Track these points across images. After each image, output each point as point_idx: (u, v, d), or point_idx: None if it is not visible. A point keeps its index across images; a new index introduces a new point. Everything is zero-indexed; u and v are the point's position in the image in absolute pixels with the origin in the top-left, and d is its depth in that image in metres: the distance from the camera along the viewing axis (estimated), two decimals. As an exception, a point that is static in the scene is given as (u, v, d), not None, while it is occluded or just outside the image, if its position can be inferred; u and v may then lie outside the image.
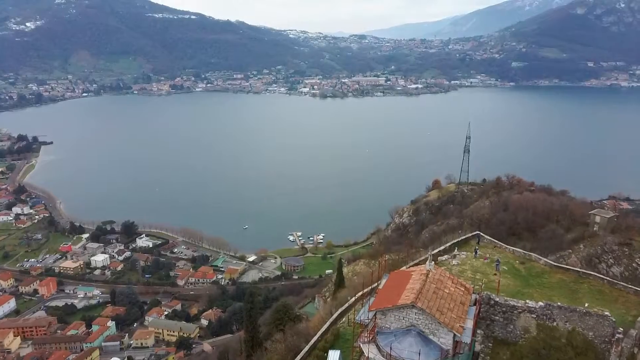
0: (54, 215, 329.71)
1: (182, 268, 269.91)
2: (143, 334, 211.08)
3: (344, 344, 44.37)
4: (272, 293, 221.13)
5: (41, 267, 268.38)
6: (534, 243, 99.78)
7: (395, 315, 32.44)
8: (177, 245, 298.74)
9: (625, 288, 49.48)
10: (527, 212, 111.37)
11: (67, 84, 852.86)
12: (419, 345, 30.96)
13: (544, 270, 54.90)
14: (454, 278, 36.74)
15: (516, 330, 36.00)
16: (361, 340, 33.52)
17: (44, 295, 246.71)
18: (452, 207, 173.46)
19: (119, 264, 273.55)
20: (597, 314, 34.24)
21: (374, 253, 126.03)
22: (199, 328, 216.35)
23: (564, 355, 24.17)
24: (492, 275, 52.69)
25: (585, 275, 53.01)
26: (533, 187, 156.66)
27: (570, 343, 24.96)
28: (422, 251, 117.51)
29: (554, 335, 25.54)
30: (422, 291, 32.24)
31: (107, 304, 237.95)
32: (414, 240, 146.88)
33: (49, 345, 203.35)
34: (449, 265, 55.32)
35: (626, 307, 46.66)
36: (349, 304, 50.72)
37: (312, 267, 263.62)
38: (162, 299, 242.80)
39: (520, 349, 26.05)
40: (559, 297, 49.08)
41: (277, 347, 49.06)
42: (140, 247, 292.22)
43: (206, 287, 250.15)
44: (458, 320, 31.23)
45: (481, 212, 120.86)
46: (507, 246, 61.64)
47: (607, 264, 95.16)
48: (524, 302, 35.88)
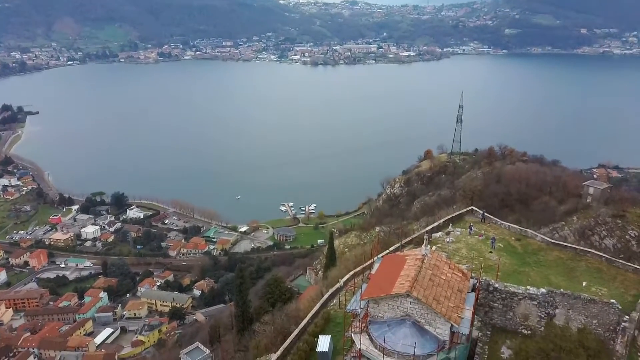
0: (42, 186, 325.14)
1: (173, 239, 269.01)
2: (136, 305, 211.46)
3: (335, 328, 43.05)
4: (264, 263, 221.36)
5: (31, 239, 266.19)
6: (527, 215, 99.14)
7: (389, 304, 30.74)
8: (168, 216, 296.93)
9: (624, 266, 48.31)
10: (520, 184, 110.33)
11: (51, 52, 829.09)
12: (414, 336, 29.39)
13: (541, 247, 53.57)
14: (451, 263, 34.98)
15: (516, 317, 34.61)
16: (352, 330, 31.92)
17: (35, 267, 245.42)
18: (443, 177, 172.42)
19: (109, 235, 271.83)
20: (602, 302, 32.85)
21: (366, 225, 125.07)
22: (192, 298, 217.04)
23: (575, 358, 22.58)
24: (487, 253, 51.30)
25: (582, 252, 51.75)
26: (525, 157, 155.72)
27: (582, 345, 23.35)
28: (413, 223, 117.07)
29: (564, 335, 23.98)
30: (418, 279, 30.45)
31: (98, 275, 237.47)
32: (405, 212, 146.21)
33: (41, 317, 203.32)
34: (443, 243, 53.78)
35: (625, 286, 45.55)
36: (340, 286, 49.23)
37: (303, 237, 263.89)
38: (154, 270, 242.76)
39: (527, 349, 24.46)
40: (556, 275, 47.93)
41: (266, 329, 47.75)
42: (130, 219, 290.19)
43: (198, 258, 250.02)
44: (455, 310, 29.58)
45: (473, 183, 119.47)
46: (503, 222, 60.09)
47: (600, 236, 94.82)
48: (524, 288, 34.31)
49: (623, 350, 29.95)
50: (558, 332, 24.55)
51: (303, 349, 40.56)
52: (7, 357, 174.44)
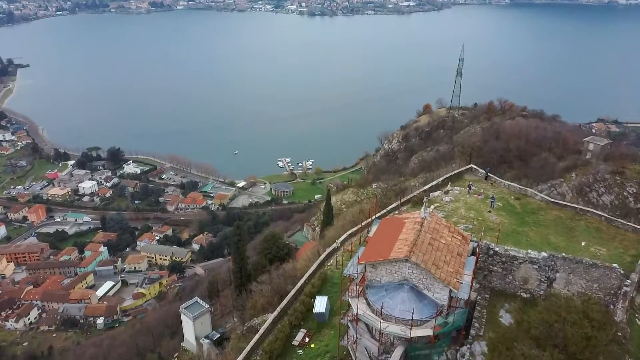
0: (37, 141, 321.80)
1: (171, 194, 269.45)
2: (136, 259, 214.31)
3: (332, 289, 43.06)
4: (262, 218, 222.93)
5: (28, 194, 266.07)
6: (525, 172, 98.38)
7: (387, 268, 30.23)
8: (165, 171, 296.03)
9: (624, 225, 47.91)
10: (520, 140, 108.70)
11: (39, 2, 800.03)
12: (412, 301, 29.05)
13: (540, 206, 52.95)
14: (451, 226, 34.27)
15: (515, 281, 34.26)
16: (349, 294, 31.59)
17: (34, 222, 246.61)
18: (442, 132, 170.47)
19: (107, 190, 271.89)
20: (604, 266, 32.41)
21: (363, 182, 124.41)
22: (191, 252, 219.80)
23: (579, 330, 22.17)
24: (486, 213, 50.71)
25: (582, 211, 51.22)
26: (525, 112, 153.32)
27: (587, 315, 22.90)
28: (411, 180, 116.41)
29: (568, 306, 23.52)
30: (417, 243, 29.78)
31: (98, 230, 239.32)
32: (403, 168, 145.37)
33: (42, 271, 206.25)
34: (442, 203, 53.10)
35: (624, 246, 45.29)
36: (337, 246, 48.92)
37: (301, 192, 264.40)
38: (153, 225, 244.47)
39: (529, 319, 24.05)
40: (555, 235, 47.54)
41: (263, 288, 47.78)
42: (127, 174, 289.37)
43: (196, 213, 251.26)
44: (455, 275, 29.07)
45: (472, 139, 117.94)
46: (503, 180, 59.24)
47: (598, 193, 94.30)
48: (525, 252, 33.76)
49: (623, 316, 29.81)
50: (562, 303, 24.12)
51: (300, 310, 40.66)
52: (11, 309, 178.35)
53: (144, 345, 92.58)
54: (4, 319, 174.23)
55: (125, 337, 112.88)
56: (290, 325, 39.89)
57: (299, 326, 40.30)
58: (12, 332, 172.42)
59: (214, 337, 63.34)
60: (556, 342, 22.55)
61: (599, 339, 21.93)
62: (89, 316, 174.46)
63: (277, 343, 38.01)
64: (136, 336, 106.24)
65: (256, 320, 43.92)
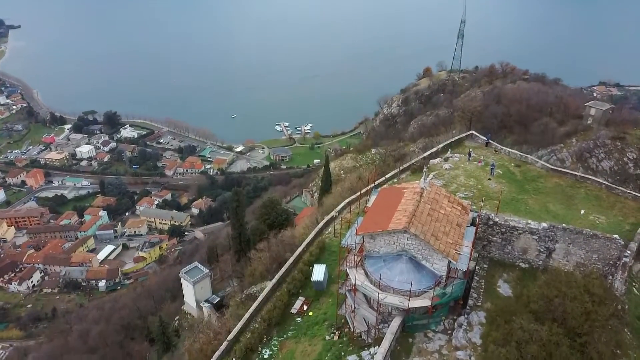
0: (32, 105, 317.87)
1: (169, 159, 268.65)
2: (135, 223, 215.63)
3: (330, 257, 43.09)
4: (260, 183, 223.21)
5: (26, 158, 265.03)
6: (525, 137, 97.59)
7: (385, 239, 29.99)
8: (162, 135, 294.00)
9: (624, 193, 47.60)
10: (521, 104, 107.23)
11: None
12: (410, 272, 28.96)
13: (540, 173, 52.49)
14: (451, 196, 33.83)
15: (514, 251, 34.13)
16: (347, 264, 31.47)
17: (33, 187, 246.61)
18: (442, 96, 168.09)
19: (104, 154, 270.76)
20: (604, 237, 32.20)
21: (361, 147, 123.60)
22: (190, 216, 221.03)
23: (580, 305, 22.07)
24: (486, 181, 50.25)
25: (582, 179, 50.80)
26: (527, 75, 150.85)
27: (587, 290, 22.76)
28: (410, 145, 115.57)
29: (569, 282, 23.34)
30: (416, 214, 29.42)
31: (97, 194, 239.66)
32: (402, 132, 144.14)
33: (43, 235, 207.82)
34: (441, 170, 52.58)
35: (623, 214, 45.11)
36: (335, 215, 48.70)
37: (299, 157, 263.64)
38: (152, 189, 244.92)
39: (529, 294, 23.94)
40: (554, 203, 47.27)
41: (261, 256, 47.87)
42: (125, 138, 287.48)
43: (195, 177, 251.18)
44: (454, 246, 28.86)
45: (473, 104, 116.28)
46: (503, 147, 58.54)
47: (598, 159, 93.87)
48: (525, 222, 33.45)
49: (622, 287, 29.82)
50: (563, 278, 23.97)
51: (298, 278, 40.80)
52: (14, 272, 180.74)
53: (145, 308, 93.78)
54: (6, 282, 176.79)
55: (126, 300, 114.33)
56: (289, 293, 40.13)
57: (297, 294, 40.56)
58: (16, 294, 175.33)
59: (214, 300, 64.16)
60: (555, 316, 22.55)
61: (599, 314, 21.92)
62: (90, 279, 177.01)
63: (275, 311, 38.31)
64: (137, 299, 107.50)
65: (255, 288, 44.18)
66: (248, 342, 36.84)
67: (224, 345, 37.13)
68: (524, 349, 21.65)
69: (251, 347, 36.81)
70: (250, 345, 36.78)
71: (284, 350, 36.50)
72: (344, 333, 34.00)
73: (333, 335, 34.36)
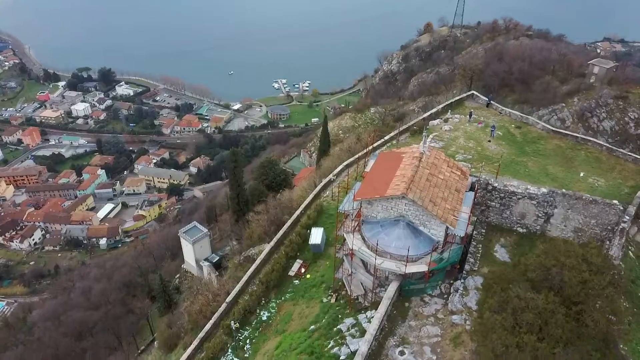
0: (25, 61, 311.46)
1: (166, 117, 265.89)
2: (134, 182, 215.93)
3: (327, 220, 43.03)
4: (258, 142, 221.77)
5: (21, 116, 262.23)
6: (527, 96, 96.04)
7: (383, 205, 29.73)
8: (158, 93, 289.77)
9: (624, 156, 47.09)
10: (523, 62, 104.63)
11: None
12: (408, 238, 28.88)
13: (541, 135, 51.74)
14: (450, 161, 33.31)
15: (512, 216, 34.01)
16: (345, 229, 31.36)
17: (29, 145, 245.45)
18: (443, 53, 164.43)
19: (101, 112, 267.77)
20: (604, 202, 31.94)
21: (360, 106, 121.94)
22: (188, 175, 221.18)
23: (577, 275, 22.03)
24: (486, 143, 49.60)
25: (583, 141, 50.18)
26: (530, 31, 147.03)
27: (585, 260, 22.67)
28: (410, 104, 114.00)
29: (568, 251, 23.24)
30: (414, 179, 29.01)
31: (94, 153, 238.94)
32: (402, 90, 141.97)
33: (42, 193, 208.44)
34: (441, 132, 51.82)
35: (623, 177, 44.72)
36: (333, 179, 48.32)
37: (297, 115, 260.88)
38: (149, 148, 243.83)
39: (526, 262, 23.86)
40: (554, 165, 46.81)
41: (259, 218, 47.86)
42: (120, 96, 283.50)
43: (192, 136, 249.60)
44: (452, 212, 28.64)
45: (474, 62, 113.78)
46: (504, 108, 57.54)
47: (599, 118, 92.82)
48: (524, 187, 33.10)
49: (619, 252, 29.85)
50: (562, 248, 23.88)
51: (296, 241, 40.91)
52: (15, 230, 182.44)
53: (146, 267, 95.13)
54: (8, 240, 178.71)
55: (127, 259, 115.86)
56: (287, 256, 40.34)
57: (295, 257, 40.78)
58: (18, 252, 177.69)
59: (213, 259, 64.99)
60: (552, 285, 22.62)
61: (596, 283, 21.97)
62: (91, 237, 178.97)
63: (273, 274, 38.64)
64: (138, 257, 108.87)
65: (253, 250, 44.42)
66: (246, 304, 37.35)
67: (222, 307, 37.67)
68: (520, 317, 21.86)
69: (249, 309, 37.37)
70: (249, 307, 37.32)
71: (282, 312, 37.05)
72: (341, 296, 34.38)
73: (330, 298, 34.75)
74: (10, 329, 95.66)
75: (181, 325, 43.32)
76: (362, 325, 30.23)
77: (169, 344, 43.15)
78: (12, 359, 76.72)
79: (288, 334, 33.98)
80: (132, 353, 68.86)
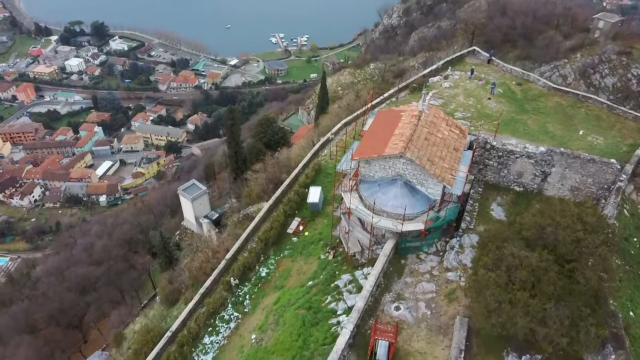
0: (15, 15, 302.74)
1: (162, 72, 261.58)
2: (132, 139, 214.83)
3: (325, 179, 43.07)
4: (256, 98, 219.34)
5: (14, 72, 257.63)
6: (529, 51, 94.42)
7: (381, 164, 29.63)
8: (153, 48, 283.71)
9: (625, 113, 46.68)
10: (527, 16, 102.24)
11: None
12: (405, 196, 28.99)
13: (542, 92, 51.07)
14: (449, 119, 32.97)
15: (510, 175, 34.01)
16: (342, 188, 31.44)
17: (24, 102, 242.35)
18: (444, 6, 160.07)
19: (95, 68, 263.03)
20: (602, 161, 31.88)
21: (360, 62, 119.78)
22: (186, 132, 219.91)
23: (572, 233, 22.22)
24: (486, 100, 49.04)
25: (584, 98, 49.59)
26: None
27: (581, 219, 22.81)
28: (410, 59, 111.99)
29: (563, 210, 23.35)
30: (413, 139, 28.79)
31: (90, 109, 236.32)
32: (402, 45, 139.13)
33: (40, 150, 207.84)
34: (440, 89, 51.13)
35: (622, 135, 44.48)
36: (331, 137, 48.00)
37: (296, 71, 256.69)
38: (146, 105, 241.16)
39: (522, 221, 24.02)
40: (553, 123, 46.50)
41: (258, 177, 47.88)
42: (115, 51, 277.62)
43: (189, 92, 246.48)
44: (449, 171, 28.60)
45: (477, 15, 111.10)
46: (505, 65, 56.55)
47: (602, 75, 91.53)
48: (523, 146, 32.94)
49: (614, 211, 30.10)
50: (557, 207, 24.00)
51: (294, 199, 41.11)
52: (14, 187, 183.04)
53: (146, 223, 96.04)
54: (8, 197, 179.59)
55: (127, 216, 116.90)
56: (285, 214, 40.62)
57: (293, 215, 41.07)
58: (19, 209, 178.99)
59: (212, 217, 65.50)
60: (546, 244, 22.91)
61: (589, 242, 22.25)
62: (91, 194, 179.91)
63: (272, 231, 39.04)
64: (138, 214, 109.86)
65: (251, 209, 44.70)
66: (246, 260, 37.95)
67: (222, 264, 38.30)
68: (513, 274, 22.27)
69: (249, 265, 37.99)
70: (248, 264, 37.93)
71: (280, 269, 37.72)
72: (338, 253, 34.93)
73: (328, 255, 35.31)
74: (14, 284, 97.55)
75: (182, 281, 44.19)
76: (358, 282, 30.89)
77: (171, 299, 44.15)
78: (18, 312, 78.56)
79: (287, 289, 34.74)
80: (135, 307, 70.57)
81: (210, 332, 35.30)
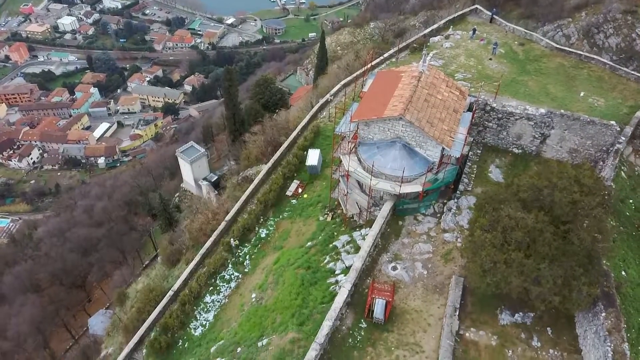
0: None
1: (157, 32, 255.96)
2: (128, 100, 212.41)
3: (324, 142, 42.90)
4: (253, 58, 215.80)
5: (6, 31, 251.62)
6: (532, 10, 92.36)
7: (380, 126, 29.49)
8: (148, 5, 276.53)
9: (627, 75, 46.09)
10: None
11: None
12: (404, 159, 28.97)
13: (544, 53, 50.25)
14: (449, 80, 32.53)
15: (509, 137, 33.89)
16: (341, 151, 31.39)
17: (18, 62, 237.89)
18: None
19: (89, 27, 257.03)
20: (601, 123, 31.70)
21: (360, 20, 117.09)
22: (183, 94, 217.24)
23: (568, 195, 22.34)
24: (487, 61, 48.33)
25: (587, 59, 48.86)
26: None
27: (578, 181, 22.87)
28: (410, 18, 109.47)
29: (560, 172, 23.36)
30: (412, 100, 28.52)
31: (85, 70, 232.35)
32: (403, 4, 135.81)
33: (36, 112, 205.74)
34: (441, 49, 50.28)
35: (623, 96, 44.12)
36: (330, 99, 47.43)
37: (294, 30, 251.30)
38: (142, 65, 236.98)
39: (519, 183, 24.07)
40: (555, 84, 46.04)
41: (256, 139, 47.69)
42: (108, 9, 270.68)
43: (185, 52, 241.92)
44: (449, 133, 28.50)
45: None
46: (508, 24, 55.39)
47: (606, 35, 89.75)
48: (523, 108, 32.64)
49: (611, 173, 30.21)
50: (555, 169, 24.03)
51: (293, 162, 41.10)
52: (12, 149, 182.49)
53: (145, 185, 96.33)
54: (6, 159, 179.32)
55: (126, 178, 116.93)
56: (284, 176, 40.68)
57: (292, 177, 41.14)
58: (18, 171, 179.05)
59: (211, 179, 65.80)
60: (542, 205, 23.12)
61: (585, 203, 22.45)
62: (89, 156, 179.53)
63: (271, 194, 39.23)
64: (137, 176, 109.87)
65: (250, 171, 44.75)
66: (245, 222, 38.33)
67: (222, 225, 38.71)
68: (509, 235, 22.61)
69: (248, 227, 38.41)
70: (248, 225, 38.34)
71: (280, 230, 38.17)
72: (337, 214, 35.28)
73: (326, 217, 35.66)
74: (17, 245, 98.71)
75: (182, 242, 44.77)
76: (356, 242, 31.36)
77: (172, 260, 44.91)
78: (22, 272, 79.87)
79: (286, 250, 35.29)
80: (137, 267, 71.77)
81: (212, 291, 36.08)
